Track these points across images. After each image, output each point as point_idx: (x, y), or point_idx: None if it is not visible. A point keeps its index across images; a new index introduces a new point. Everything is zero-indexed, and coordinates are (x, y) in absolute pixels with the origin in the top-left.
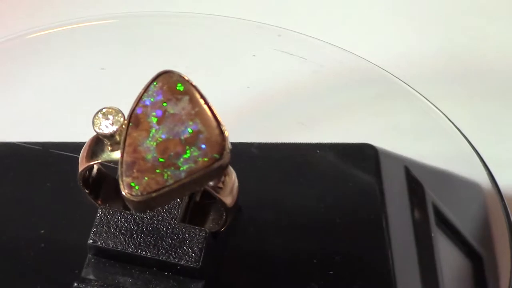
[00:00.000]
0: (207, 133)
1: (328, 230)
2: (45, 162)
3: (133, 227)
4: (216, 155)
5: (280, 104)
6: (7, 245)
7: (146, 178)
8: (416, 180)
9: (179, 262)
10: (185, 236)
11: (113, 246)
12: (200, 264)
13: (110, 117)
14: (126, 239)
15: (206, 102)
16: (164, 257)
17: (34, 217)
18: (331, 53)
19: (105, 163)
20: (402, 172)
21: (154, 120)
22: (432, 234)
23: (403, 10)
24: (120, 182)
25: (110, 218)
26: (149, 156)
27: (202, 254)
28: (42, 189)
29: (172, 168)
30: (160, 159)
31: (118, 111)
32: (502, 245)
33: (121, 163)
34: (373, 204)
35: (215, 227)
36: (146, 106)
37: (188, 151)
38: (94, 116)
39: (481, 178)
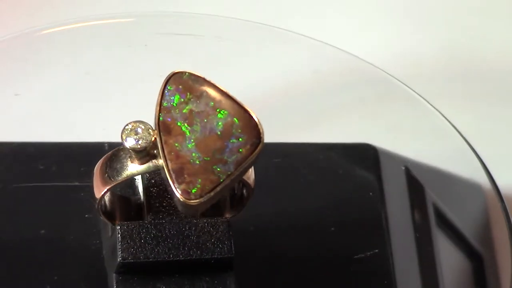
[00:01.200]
0: (239, 121)
1: (328, 230)
2: (45, 162)
3: (157, 234)
4: (256, 140)
5: (280, 104)
6: (7, 245)
7: (199, 180)
8: (416, 180)
9: (212, 256)
10: (210, 229)
11: (144, 258)
12: (233, 253)
13: (139, 130)
14: (155, 248)
15: (225, 93)
16: (196, 255)
17: (34, 217)
18: (330, 54)
19: (129, 178)
20: (402, 172)
21: (184, 122)
22: (432, 235)
23: (402, 11)
24: (174, 191)
25: (132, 232)
26: (194, 158)
27: (232, 243)
28: (42, 189)
29: (220, 164)
30: (206, 158)
31: (145, 123)
32: (502, 245)
33: (168, 172)
34: (373, 204)
35: (232, 213)
36: (169, 111)
37: (229, 143)
38: (122, 133)
39: (481, 178)
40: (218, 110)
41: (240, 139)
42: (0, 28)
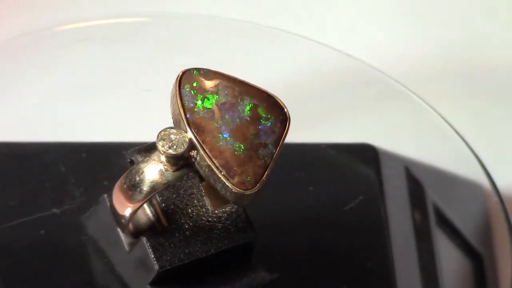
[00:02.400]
0: (261, 103)
1: (327, 230)
2: (45, 162)
3: (182, 237)
4: (282, 117)
5: None
6: (7, 245)
7: (249, 168)
8: (416, 180)
9: (239, 242)
10: (228, 219)
11: (179, 261)
12: (257, 234)
13: (172, 137)
14: (185, 250)
15: (236, 79)
16: (225, 245)
17: (34, 217)
18: (329, 55)
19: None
20: (402, 172)
21: (213, 117)
22: (432, 235)
23: (402, 12)
24: (229, 186)
25: (159, 241)
26: (237, 149)
27: (253, 226)
28: (42, 189)
29: (261, 147)
30: (246, 146)
31: (176, 129)
32: (502, 245)
33: (217, 169)
34: (373, 204)
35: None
36: (194, 110)
37: (261, 126)
38: (158, 142)
39: (480, 179)
40: (239, 97)
41: (269, 120)
42: (0, 28)
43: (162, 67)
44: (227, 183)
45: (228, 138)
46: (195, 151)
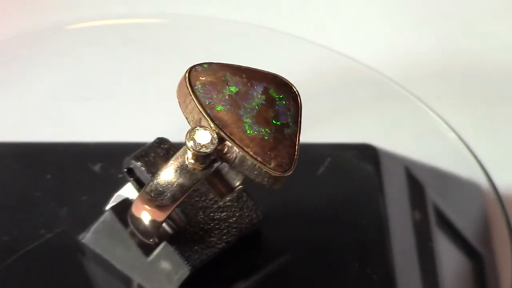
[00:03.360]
0: (270, 84)
1: (328, 229)
2: (45, 162)
3: (200, 232)
4: (292, 94)
5: None
6: (7, 245)
7: (281, 150)
8: (416, 180)
9: (252, 223)
10: (236, 205)
11: (207, 257)
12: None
13: (201, 135)
14: (208, 243)
15: (241, 66)
16: (242, 229)
17: (35, 217)
18: (329, 57)
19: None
20: (402, 172)
21: (232, 108)
22: (432, 234)
23: (401, 14)
24: (269, 171)
25: (181, 242)
26: (264, 134)
27: (258, 205)
28: (42, 189)
29: (285, 128)
30: (272, 130)
31: (202, 127)
32: (502, 245)
33: (253, 157)
34: (373, 204)
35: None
36: (214, 104)
37: (278, 107)
38: (188, 143)
39: (479, 179)
40: (248, 83)
41: (282, 100)
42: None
43: (162, 68)
44: (265, 169)
45: (254, 125)
46: (223, 145)
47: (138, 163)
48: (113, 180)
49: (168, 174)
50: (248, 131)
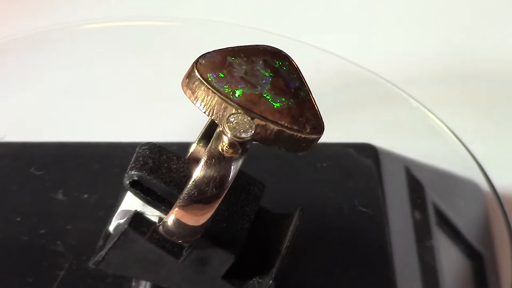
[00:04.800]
0: (266, 56)
1: (328, 229)
2: (45, 162)
3: (222, 218)
4: (286, 57)
5: None
6: (7, 245)
7: (307, 112)
8: (416, 180)
9: (259, 196)
10: (238, 183)
11: (241, 242)
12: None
13: (235, 121)
14: (236, 228)
15: (233, 47)
16: (255, 204)
17: (35, 217)
18: (329, 60)
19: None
20: (402, 172)
21: (251, 87)
22: (432, 234)
23: (399, 16)
24: (307, 136)
25: (212, 234)
26: (286, 103)
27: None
28: (42, 189)
29: (300, 91)
30: (291, 97)
31: (234, 114)
32: (502, 245)
33: (289, 128)
34: (373, 204)
35: None
36: (233, 90)
37: (282, 74)
38: (231, 130)
39: (479, 179)
40: (249, 60)
41: (282, 66)
42: (0, 28)
43: (162, 69)
44: (303, 136)
45: (276, 98)
46: (256, 126)
47: (143, 173)
48: (113, 180)
49: (208, 170)
50: (275, 105)
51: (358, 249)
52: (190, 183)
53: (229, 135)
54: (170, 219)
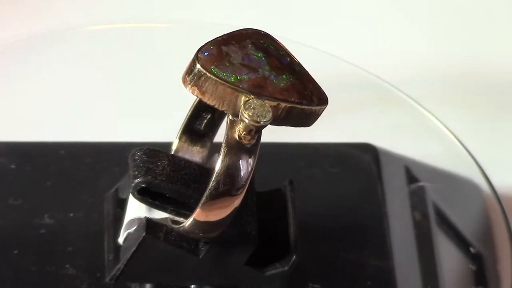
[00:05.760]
0: (250, 38)
1: (328, 229)
2: (45, 161)
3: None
4: (268, 36)
5: None
6: (7, 245)
7: (309, 84)
8: (416, 180)
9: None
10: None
11: (255, 223)
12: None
13: (253, 107)
14: (250, 212)
15: (222, 36)
16: (256, 189)
17: (35, 217)
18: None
19: None
20: (402, 172)
21: (251, 71)
22: (432, 235)
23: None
24: (316, 108)
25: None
26: (289, 79)
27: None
28: (42, 189)
29: (293, 66)
30: (289, 73)
31: (249, 102)
32: (502, 245)
33: (299, 103)
34: (373, 204)
35: None
36: (239, 77)
37: (272, 52)
38: (251, 118)
39: (478, 179)
40: (240, 46)
41: (268, 45)
42: (0, 28)
43: (162, 70)
44: (313, 108)
45: (278, 77)
46: None
47: (149, 179)
48: (113, 180)
49: (229, 160)
50: (280, 84)
51: (358, 249)
52: (214, 176)
53: (247, 121)
54: (198, 216)
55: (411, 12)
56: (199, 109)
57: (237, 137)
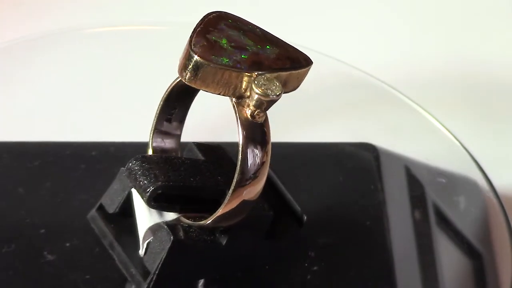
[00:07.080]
0: (221, 20)
1: (328, 229)
2: (45, 161)
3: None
4: (228, 14)
5: (280, 104)
6: (7, 245)
7: (291, 50)
8: (416, 180)
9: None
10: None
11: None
12: None
13: (266, 83)
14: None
15: (199, 25)
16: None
17: (35, 217)
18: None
19: None
20: (402, 172)
21: (246, 49)
22: (432, 234)
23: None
24: (308, 69)
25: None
26: (275, 49)
27: None
28: (42, 189)
29: (267, 35)
30: (272, 43)
31: (257, 78)
32: (502, 245)
33: (294, 68)
34: (373, 204)
35: None
36: (237, 60)
37: (246, 26)
38: (265, 92)
39: (478, 179)
40: (220, 29)
41: (236, 22)
42: (0, 29)
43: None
44: (304, 69)
45: (266, 50)
46: None
47: (164, 184)
48: (113, 180)
49: (249, 139)
50: (271, 56)
51: (358, 249)
52: (240, 159)
53: (262, 98)
54: (231, 204)
55: (411, 14)
56: (166, 106)
57: (249, 116)
